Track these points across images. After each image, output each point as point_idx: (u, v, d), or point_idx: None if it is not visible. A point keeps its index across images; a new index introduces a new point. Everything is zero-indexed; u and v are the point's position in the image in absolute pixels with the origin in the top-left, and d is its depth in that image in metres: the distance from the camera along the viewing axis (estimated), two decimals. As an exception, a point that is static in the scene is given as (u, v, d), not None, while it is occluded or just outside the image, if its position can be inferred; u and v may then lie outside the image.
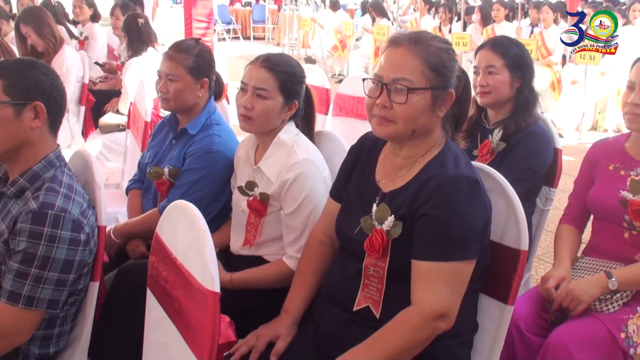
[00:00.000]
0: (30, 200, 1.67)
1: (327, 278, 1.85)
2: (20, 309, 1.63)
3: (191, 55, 2.38)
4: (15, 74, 1.71)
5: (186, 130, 2.40)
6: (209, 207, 2.33)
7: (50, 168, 1.75)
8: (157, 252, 1.64)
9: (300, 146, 2.07)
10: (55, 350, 1.81)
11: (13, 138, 1.71)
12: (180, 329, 1.48)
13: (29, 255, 1.62)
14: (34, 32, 4.10)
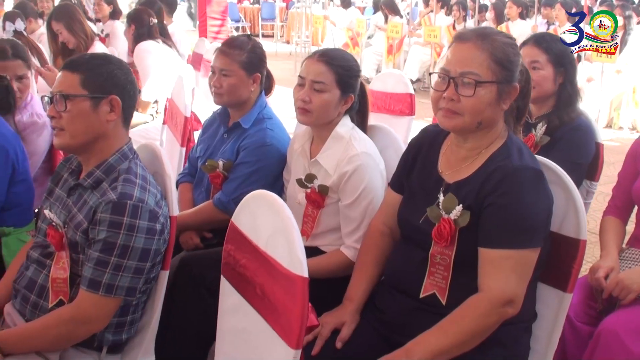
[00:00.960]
0: (108, 191, 1.72)
1: (390, 267, 1.91)
2: (100, 296, 1.68)
3: (244, 51, 2.43)
4: (92, 68, 1.76)
5: (239, 124, 2.45)
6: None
7: (124, 160, 1.80)
8: (233, 241, 1.69)
9: (358, 139, 2.13)
10: (127, 337, 1.86)
11: (90, 130, 1.76)
12: (263, 314, 1.53)
13: (109, 244, 1.67)
14: (66, 29, 4.15)
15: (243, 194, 2.31)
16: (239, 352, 1.66)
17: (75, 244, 1.74)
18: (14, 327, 1.80)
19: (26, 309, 1.80)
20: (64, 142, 1.77)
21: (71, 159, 1.96)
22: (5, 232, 2.23)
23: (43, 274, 1.79)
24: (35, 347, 1.73)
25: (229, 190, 2.36)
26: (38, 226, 1.91)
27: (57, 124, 1.76)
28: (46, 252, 1.81)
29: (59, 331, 1.70)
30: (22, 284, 1.82)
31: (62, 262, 1.76)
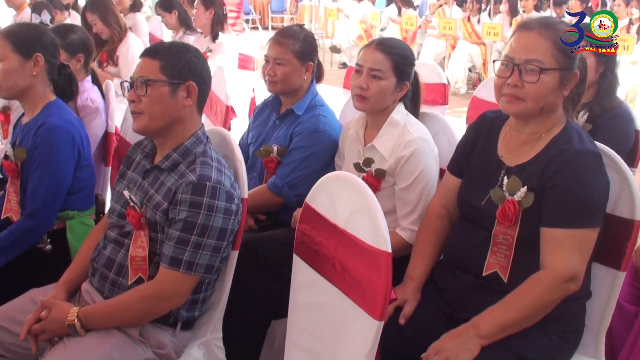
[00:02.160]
0: (187, 173, 1.80)
1: (450, 247, 1.99)
2: (181, 273, 1.76)
3: (298, 40, 2.51)
4: (171, 55, 1.84)
5: (292, 111, 2.53)
6: (313, 183, 2.45)
7: (199, 144, 1.88)
8: (307, 220, 1.78)
9: (413, 125, 2.21)
10: (199, 314, 1.94)
11: (167, 114, 1.84)
12: (343, 289, 1.62)
13: (189, 224, 1.75)
14: (100, 20, 4.21)
15: (297, 178, 2.43)
16: (315, 326, 1.75)
17: (154, 224, 1.82)
18: (93, 304, 1.88)
19: (105, 287, 1.88)
20: (142, 125, 1.84)
21: (143, 143, 2.04)
22: (70, 216, 2.31)
23: (121, 253, 1.87)
24: (117, 323, 1.81)
25: (283, 174, 2.44)
26: (111, 207, 1.99)
27: (136, 108, 1.84)
28: (123, 231, 1.89)
29: (141, 307, 1.79)
30: (101, 262, 1.90)
31: (140, 240, 1.84)
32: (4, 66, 2.19)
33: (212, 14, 4.83)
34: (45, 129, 2.18)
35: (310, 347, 1.77)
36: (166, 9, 5.32)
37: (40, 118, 2.23)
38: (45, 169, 2.18)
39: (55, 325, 1.81)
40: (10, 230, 2.20)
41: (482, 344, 1.70)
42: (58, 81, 2.33)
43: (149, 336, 1.84)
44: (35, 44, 2.23)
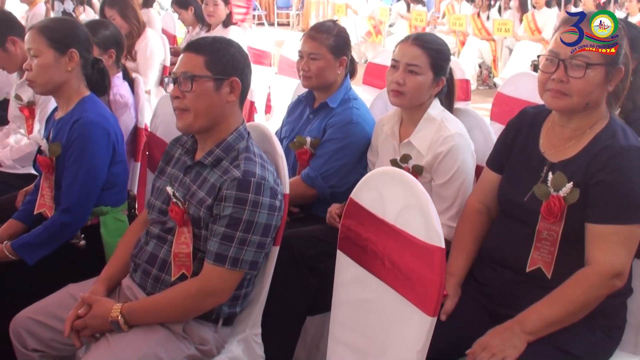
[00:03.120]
0: (230, 169, 1.79)
1: (491, 242, 1.98)
2: (226, 270, 1.76)
3: (332, 35, 2.51)
4: (215, 51, 1.83)
5: (326, 104, 2.53)
6: (346, 176, 2.47)
7: (242, 139, 1.87)
8: (353, 216, 1.77)
9: (450, 121, 2.20)
10: (240, 311, 1.94)
11: (212, 110, 1.83)
12: (392, 285, 1.61)
13: (234, 220, 1.74)
14: (119, 15, 4.19)
15: (330, 169, 2.42)
16: (360, 322, 1.74)
17: (198, 220, 1.81)
18: (135, 300, 1.87)
19: (147, 283, 1.88)
20: (187, 122, 1.83)
21: (182, 139, 2.03)
22: (103, 212, 2.30)
23: (164, 249, 1.86)
24: (161, 319, 1.80)
25: (316, 165, 2.44)
26: (151, 203, 1.98)
27: (180, 104, 1.82)
28: (166, 227, 1.88)
29: (186, 303, 1.78)
30: (143, 258, 1.89)
31: (183, 237, 1.83)
32: (39, 62, 2.18)
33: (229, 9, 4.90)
34: (80, 124, 2.18)
35: (355, 343, 1.77)
36: (182, 6, 5.32)
37: (75, 113, 2.22)
38: (80, 165, 2.17)
39: (97, 322, 1.80)
40: (45, 226, 2.19)
41: (528, 340, 1.70)
42: (92, 76, 2.32)
43: (192, 332, 1.84)
44: (69, 39, 2.22)
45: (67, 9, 4.54)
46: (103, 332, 1.82)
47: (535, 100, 3.03)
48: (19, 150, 3.05)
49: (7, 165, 3.06)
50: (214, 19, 5.01)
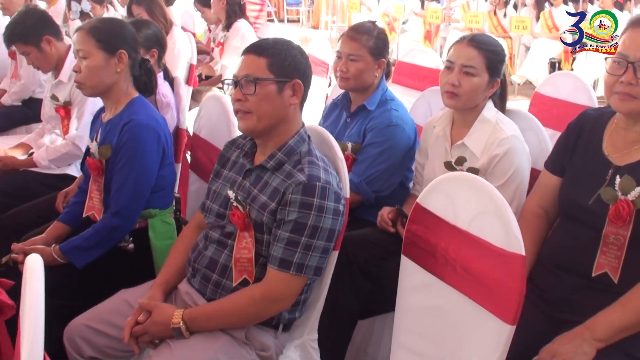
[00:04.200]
0: (295, 172, 1.76)
1: (552, 247, 1.95)
2: (291, 276, 1.73)
3: (372, 36, 2.48)
4: (277, 53, 1.80)
5: (364, 107, 2.50)
6: (389, 180, 2.44)
7: (303, 143, 1.84)
8: (420, 222, 1.74)
9: (505, 123, 2.17)
10: (299, 316, 1.91)
11: (275, 113, 1.80)
12: (465, 292, 1.59)
13: (299, 225, 1.72)
14: (146, 13, 4.16)
15: (373, 174, 2.40)
16: (428, 328, 1.72)
17: (260, 225, 1.78)
18: (194, 306, 1.85)
19: (207, 288, 1.85)
20: (250, 125, 1.80)
21: (237, 141, 2.00)
22: (152, 214, 2.27)
23: (225, 254, 1.83)
24: (224, 325, 1.78)
25: (359, 171, 2.41)
26: (207, 206, 1.95)
27: (242, 107, 1.79)
28: (225, 232, 1.85)
29: (250, 310, 1.75)
30: (202, 263, 1.86)
31: (244, 241, 1.80)
32: (88, 63, 2.15)
33: (224, 3, 4.90)
34: (131, 126, 2.15)
35: (422, 348, 1.74)
36: (205, 5, 5.29)
37: (124, 115, 2.19)
38: (131, 167, 2.14)
39: (158, 328, 1.78)
40: (94, 229, 2.17)
41: (598, 347, 1.67)
42: (139, 77, 2.29)
43: (253, 338, 1.81)
44: (118, 40, 2.19)
45: (84, 9, 4.51)
46: (162, 338, 1.80)
47: (575, 101, 3.02)
48: (54, 150, 3.02)
49: (42, 165, 3.04)
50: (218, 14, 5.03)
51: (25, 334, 1.00)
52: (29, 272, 1.08)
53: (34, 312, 1.02)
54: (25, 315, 1.02)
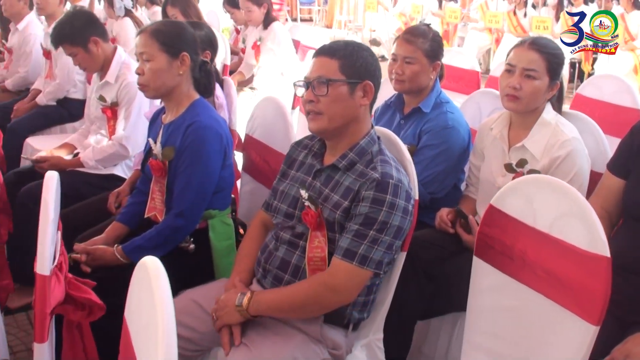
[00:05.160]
0: (368, 171, 1.79)
1: (618, 249, 1.94)
2: (354, 266, 1.74)
3: (427, 39, 2.50)
4: (349, 54, 1.82)
5: (419, 109, 2.52)
6: (444, 182, 2.46)
7: (374, 143, 1.87)
8: (495, 224, 1.77)
9: (565, 125, 2.19)
10: (367, 316, 1.94)
11: (346, 114, 1.83)
12: (546, 293, 1.61)
13: (369, 219, 1.74)
14: (181, 14, 4.17)
15: (429, 176, 2.41)
16: (503, 328, 1.74)
17: (332, 224, 1.80)
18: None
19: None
20: (321, 126, 1.83)
21: (303, 142, 2.03)
22: (212, 215, 2.29)
23: (296, 255, 1.85)
24: (283, 308, 1.78)
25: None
26: (276, 207, 1.97)
27: (314, 108, 1.82)
28: (296, 232, 1.87)
29: (309, 292, 1.76)
30: (274, 264, 1.88)
31: (317, 240, 1.82)
32: (152, 66, 2.18)
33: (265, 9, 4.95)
34: (194, 128, 2.17)
35: (496, 348, 1.77)
36: (234, 6, 5.31)
37: (187, 117, 2.22)
38: (195, 169, 2.17)
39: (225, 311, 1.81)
40: (157, 230, 2.20)
41: None
42: (200, 79, 2.31)
43: (326, 337, 1.84)
44: (181, 42, 2.21)
45: (127, 6, 4.54)
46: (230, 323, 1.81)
47: (619, 102, 3.03)
48: (101, 151, 3.05)
49: (89, 165, 3.06)
50: (252, 23, 5.03)
51: (160, 336, 1.02)
52: (155, 274, 1.10)
53: (166, 315, 1.04)
54: (158, 317, 1.04)
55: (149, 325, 1.10)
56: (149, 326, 1.09)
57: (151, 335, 1.07)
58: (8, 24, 5.02)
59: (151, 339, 1.06)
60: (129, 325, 1.27)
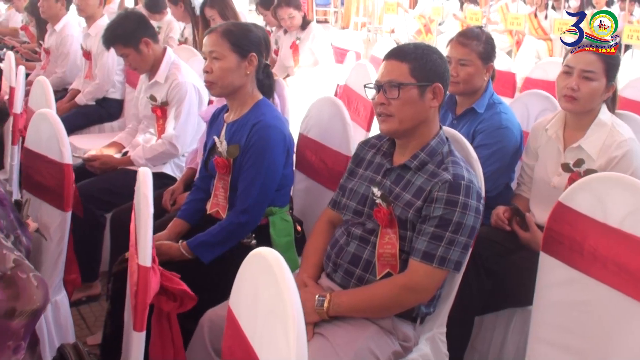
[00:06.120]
0: (439, 171, 1.85)
1: None
2: (433, 268, 1.81)
3: (481, 41, 2.56)
4: (419, 58, 1.88)
5: (472, 110, 2.58)
6: (498, 180, 2.52)
7: (443, 144, 1.93)
8: (563, 220, 1.83)
9: (621, 125, 2.25)
10: (433, 311, 2.00)
11: (416, 116, 1.89)
12: (619, 288, 1.67)
13: (444, 221, 1.80)
14: (219, 16, 4.25)
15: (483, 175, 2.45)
16: (573, 322, 1.80)
17: (404, 222, 1.86)
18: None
19: (350, 283, 1.93)
20: (392, 128, 1.89)
21: (370, 142, 2.09)
22: (272, 212, 2.36)
23: (367, 250, 1.92)
24: (363, 308, 1.85)
25: None
26: (344, 204, 2.03)
27: (385, 110, 1.88)
28: (367, 229, 1.93)
29: (389, 294, 1.83)
30: (346, 259, 1.94)
31: (387, 237, 1.88)
32: (221, 65, 2.24)
33: (302, 12, 5.06)
34: (260, 127, 2.23)
35: (565, 342, 1.82)
36: (267, 8, 5.38)
37: (252, 117, 2.28)
38: (260, 167, 2.23)
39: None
40: (221, 226, 2.26)
41: None
42: (263, 79, 2.38)
43: (397, 329, 1.90)
44: (250, 43, 2.28)
45: None
46: None
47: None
48: (152, 149, 3.12)
49: (139, 164, 3.12)
50: (294, 28, 5.10)
51: (290, 325, 1.07)
52: (276, 263, 1.16)
53: (295, 304, 1.10)
54: (287, 306, 1.10)
55: (271, 314, 1.15)
56: (272, 315, 1.15)
57: (276, 325, 1.12)
58: (44, 25, 5.10)
59: (277, 328, 1.12)
60: (236, 314, 1.33)
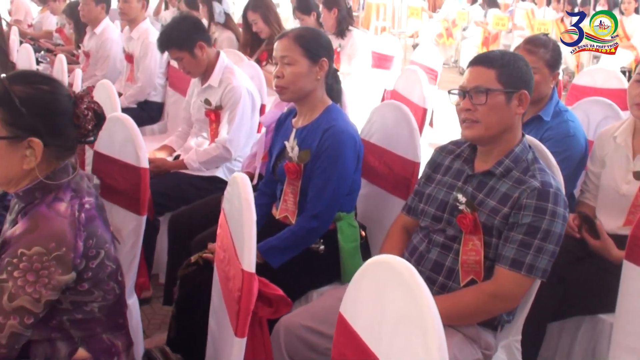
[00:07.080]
0: (526, 179, 1.85)
1: None
2: (521, 276, 1.81)
3: (548, 49, 2.56)
4: (505, 64, 1.89)
5: (539, 117, 2.57)
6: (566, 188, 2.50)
7: (527, 151, 1.93)
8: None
9: (695, 133, 2.24)
10: (512, 319, 1.99)
11: (502, 123, 1.89)
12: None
13: (533, 228, 1.80)
14: (262, 19, 4.28)
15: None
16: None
17: (489, 228, 1.86)
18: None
19: (432, 290, 1.89)
20: (478, 134, 1.89)
21: (447, 147, 2.09)
22: (340, 217, 2.35)
23: (450, 257, 1.91)
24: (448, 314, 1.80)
25: None
26: (422, 210, 2.03)
27: (471, 116, 1.89)
28: (449, 235, 1.93)
29: (476, 302, 1.83)
30: (427, 266, 1.94)
31: (471, 244, 1.88)
32: (293, 70, 2.25)
33: (335, 13, 4.96)
34: (332, 132, 2.23)
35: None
36: (305, 12, 5.37)
37: (323, 122, 2.28)
38: (332, 172, 2.23)
39: None
40: (292, 231, 2.26)
41: None
42: (332, 84, 2.38)
43: (480, 337, 1.90)
44: (321, 48, 2.29)
45: (226, 10, 4.65)
46: None
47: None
48: (205, 153, 3.13)
49: (193, 167, 3.14)
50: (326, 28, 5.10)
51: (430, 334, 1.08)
52: (404, 268, 1.16)
53: (433, 310, 1.09)
54: (426, 316, 1.11)
55: (405, 320, 1.15)
56: (406, 321, 1.15)
57: (411, 331, 1.12)
58: (83, 28, 5.13)
59: (413, 335, 1.12)
60: (350, 321, 1.33)
